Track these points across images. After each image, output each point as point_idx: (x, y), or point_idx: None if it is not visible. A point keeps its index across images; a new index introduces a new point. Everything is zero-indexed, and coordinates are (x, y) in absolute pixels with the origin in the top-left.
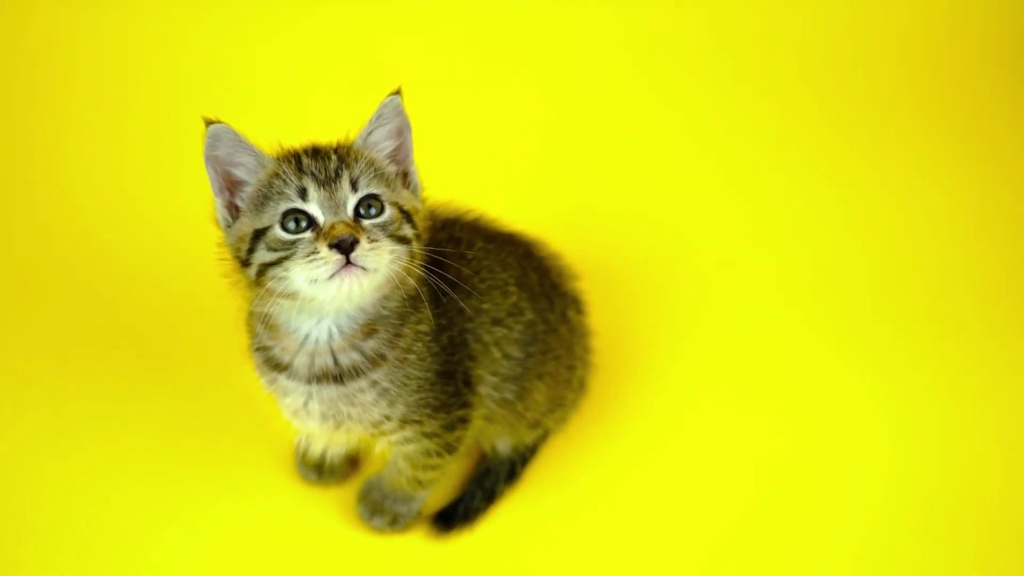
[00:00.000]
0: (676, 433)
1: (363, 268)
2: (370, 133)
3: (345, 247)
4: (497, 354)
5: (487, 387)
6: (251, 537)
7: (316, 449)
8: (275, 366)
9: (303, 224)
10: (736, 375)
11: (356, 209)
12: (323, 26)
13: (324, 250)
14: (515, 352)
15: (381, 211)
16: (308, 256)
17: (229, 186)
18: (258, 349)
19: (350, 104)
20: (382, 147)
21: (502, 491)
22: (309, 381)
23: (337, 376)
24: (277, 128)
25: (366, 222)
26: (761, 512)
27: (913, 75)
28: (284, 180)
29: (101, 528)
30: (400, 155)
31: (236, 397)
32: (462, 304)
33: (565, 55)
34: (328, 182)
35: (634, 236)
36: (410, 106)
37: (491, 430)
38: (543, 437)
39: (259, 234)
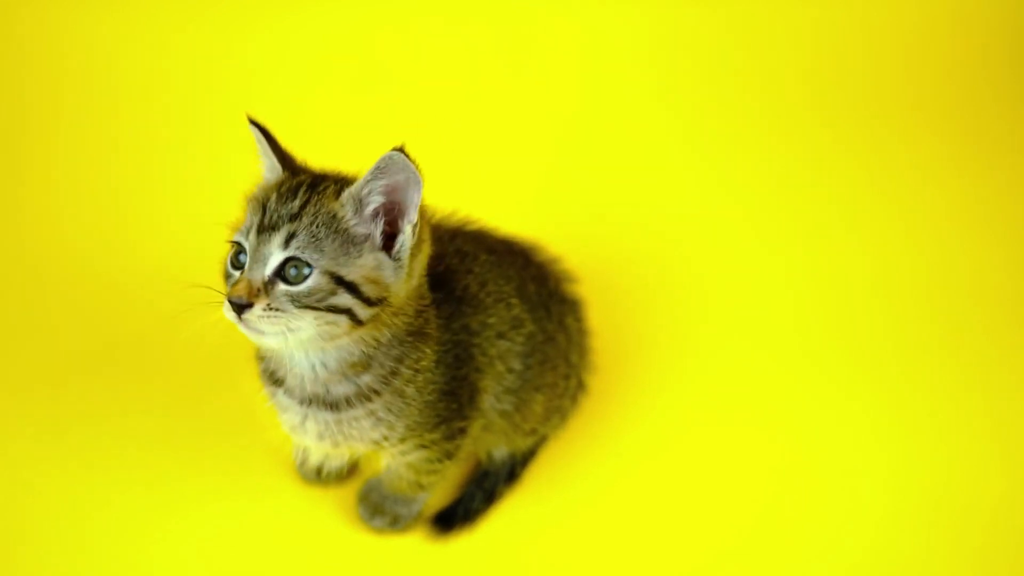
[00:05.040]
0: (676, 433)
1: (256, 330)
2: (363, 185)
3: (236, 307)
4: (501, 367)
5: (490, 398)
6: (252, 537)
7: (313, 461)
8: (273, 380)
9: (242, 259)
10: (735, 376)
11: (281, 268)
12: (322, 26)
13: (226, 298)
14: (516, 364)
15: (304, 279)
16: (226, 292)
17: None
18: (260, 357)
19: (348, 106)
20: (369, 201)
21: (502, 492)
22: (303, 402)
23: (330, 404)
24: (272, 131)
25: (281, 287)
26: (761, 512)
27: (916, 81)
28: (252, 206)
29: (101, 528)
30: (392, 215)
31: (236, 400)
32: (467, 320)
33: (563, 60)
34: (267, 229)
35: (634, 238)
36: (408, 110)
37: (488, 439)
38: (542, 440)
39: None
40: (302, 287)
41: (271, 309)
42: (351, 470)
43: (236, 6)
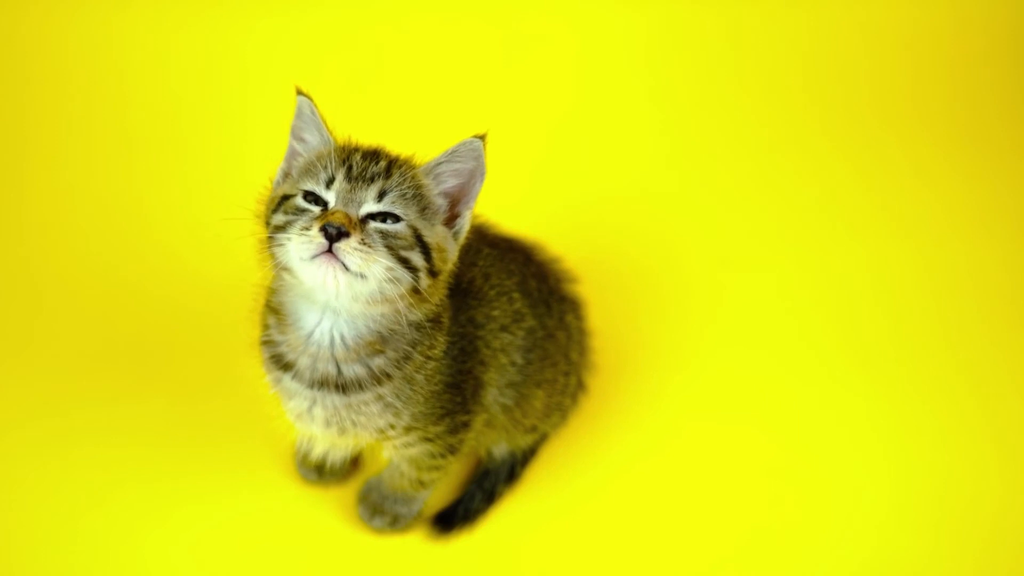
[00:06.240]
0: (675, 433)
1: (343, 264)
2: (439, 164)
3: (331, 234)
4: (504, 360)
5: (493, 391)
6: (252, 537)
7: (317, 452)
8: (281, 364)
9: (318, 206)
10: (736, 376)
11: (371, 216)
12: (321, 25)
13: (315, 229)
14: (518, 358)
15: (395, 223)
16: (302, 229)
17: (292, 155)
18: (266, 342)
19: (347, 104)
20: (443, 180)
21: (502, 492)
22: (312, 386)
23: (340, 386)
24: (272, 128)
25: (373, 224)
26: (761, 512)
27: (916, 83)
28: (324, 164)
29: (100, 528)
30: (458, 197)
31: (236, 398)
32: (473, 313)
33: (565, 60)
34: (358, 179)
35: (634, 238)
36: (409, 109)
37: (489, 435)
38: (542, 439)
39: (285, 199)
40: (393, 227)
41: (363, 244)
42: (352, 466)
43: (236, 6)
